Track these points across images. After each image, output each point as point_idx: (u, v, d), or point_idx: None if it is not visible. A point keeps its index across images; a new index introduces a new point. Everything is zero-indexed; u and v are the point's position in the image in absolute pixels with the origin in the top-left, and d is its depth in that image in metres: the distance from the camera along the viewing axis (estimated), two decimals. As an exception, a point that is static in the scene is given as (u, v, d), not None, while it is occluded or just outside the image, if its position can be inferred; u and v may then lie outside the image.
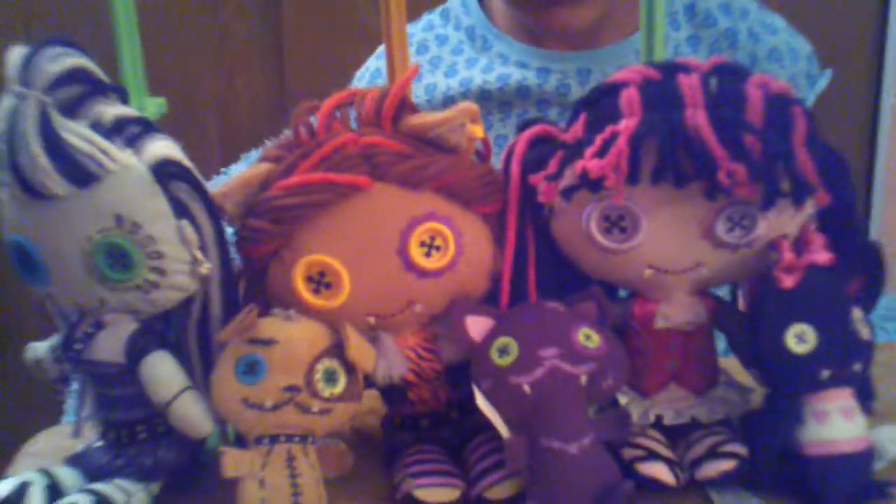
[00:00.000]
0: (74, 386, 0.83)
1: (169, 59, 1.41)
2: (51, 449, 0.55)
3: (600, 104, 0.45)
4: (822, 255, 0.46)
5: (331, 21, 1.45)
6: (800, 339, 0.45)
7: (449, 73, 0.87)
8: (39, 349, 0.52)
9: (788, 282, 0.45)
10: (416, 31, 0.92)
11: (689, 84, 0.43)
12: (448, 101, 0.85)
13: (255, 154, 1.21)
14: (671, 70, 0.44)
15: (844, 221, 0.47)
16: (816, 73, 0.88)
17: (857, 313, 0.46)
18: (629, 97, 0.44)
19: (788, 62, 0.85)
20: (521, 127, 0.48)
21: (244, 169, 1.10)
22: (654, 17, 0.47)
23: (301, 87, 1.44)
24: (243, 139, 1.34)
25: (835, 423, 0.46)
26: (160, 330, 0.49)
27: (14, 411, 1.56)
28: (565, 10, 0.80)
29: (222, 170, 1.18)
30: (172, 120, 0.53)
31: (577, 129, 0.45)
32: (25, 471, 0.49)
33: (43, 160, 0.42)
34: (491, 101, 0.84)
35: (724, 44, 0.86)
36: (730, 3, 0.87)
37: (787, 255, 0.45)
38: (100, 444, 0.51)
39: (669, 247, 0.47)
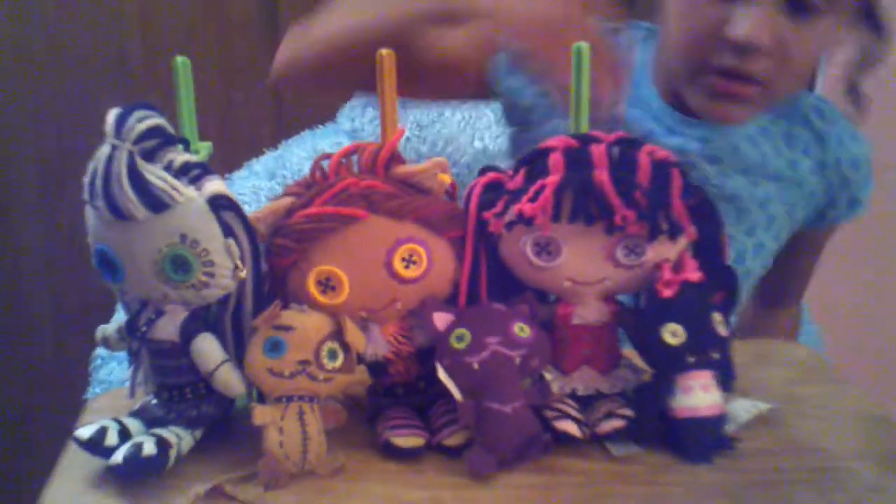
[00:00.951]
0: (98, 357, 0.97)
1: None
2: (110, 407, 0.68)
3: (535, 163, 0.61)
4: (693, 275, 0.62)
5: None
6: (673, 334, 0.60)
7: None
8: (108, 329, 0.66)
9: (667, 293, 0.61)
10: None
11: (597, 151, 0.59)
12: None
13: (255, 163, 1.35)
14: (585, 140, 0.60)
15: (711, 251, 0.64)
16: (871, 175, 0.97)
17: (717, 317, 0.62)
18: (555, 159, 0.60)
19: (865, 170, 0.94)
20: (479, 174, 0.65)
21: (246, 175, 1.24)
22: (581, 98, 0.63)
23: (294, 102, 1.52)
24: (241, 147, 1.41)
25: (697, 395, 0.61)
26: (205, 317, 0.63)
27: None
28: (738, 112, 0.85)
29: (226, 175, 1.31)
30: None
31: (518, 179, 0.61)
32: (94, 423, 0.63)
33: (130, 193, 0.56)
34: None
35: (815, 144, 0.94)
36: (823, 109, 0.93)
37: (667, 274, 0.61)
38: (154, 401, 0.64)
39: (583, 266, 0.62)
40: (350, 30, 0.84)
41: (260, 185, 1.28)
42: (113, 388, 1.04)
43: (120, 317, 1.02)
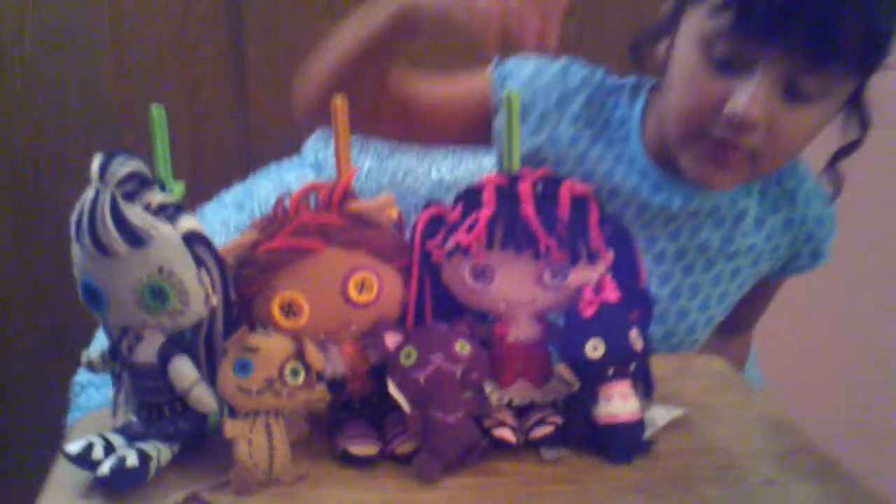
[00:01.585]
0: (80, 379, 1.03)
1: (147, 108, 1.60)
2: (95, 426, 0.72)
3: (470, 198, 0.69)
4: (611, 295, 0.70)
5: (289, 78, 1.60)
6: (594, 348, 0.68)
7: (588, 146, 0.96)
8: (92, 354, 0.73)
9: (589, 311, 0.69)
10: (592, 76, 0.99)
11: (524, 188, 0.67)
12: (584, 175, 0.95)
13: (224, 195, 1.41)
14: (514, 178, 0.68)
15: (628, 274, 0.72)
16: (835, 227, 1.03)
17: (633, 333, 0.69)
18: (487, 195, 0.68)
19: (827, 227, 1.01)
20: (423, 208, 0.73)
21: (216, 207, 1.31)
22: (512, 140, 0.71)
23: (262, 136, 1.58)
24: (210, 179, 1.46)
25: (617, 403, 0.69)
26: (180, 341, 0.69)
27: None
28: (725, 180, 0.89)
29: (197, 207, 1.37)
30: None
31: (456, 213, 0.69)
32: (81, 439, 0.69)
33: (113, 231, 0.63)
34: (617, 198, 0.95)
35: (784, 201, 1.00)
36: (793, 167, 0.99)
37: (588, 295, 0.69)
38: (135, 419, 0.70)
39: (515, 289, 0.70)
40: (348, 41, 0.92)
41: (229, 216, 1.35)
42: (91, 412, 1.10)
43: (99, 342, 1.09)
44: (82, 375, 1.20)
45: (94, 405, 1.12)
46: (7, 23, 1.51)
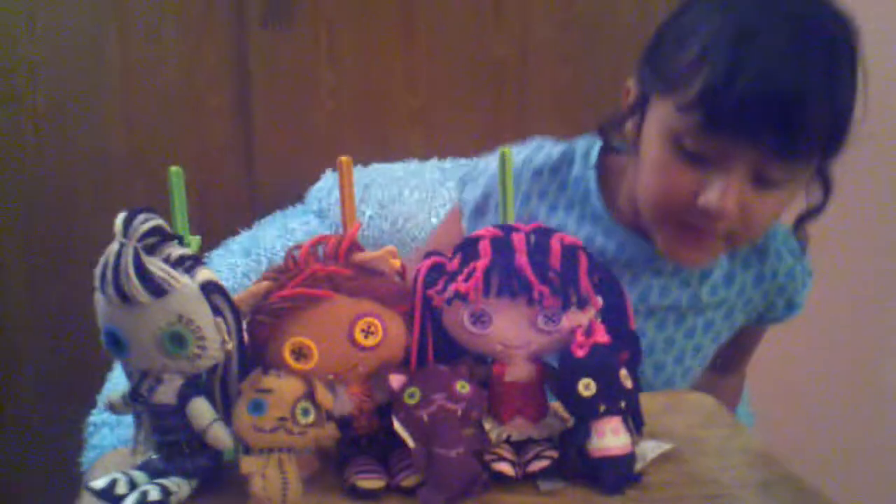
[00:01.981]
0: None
1: (157, 158, 1.63)
2: (116, 463, 0.78)
3: (468, 249, 0.74)
4: (602, 338, 0.74)
5: (295, 127, 1.65)
6: (587, 387, 0.72)
7: (552, 209, 1.02)
8: (113, 396, 0.77)
9: (580, 353, 0.73)
10: (536, 154, 1.04)
11: (517, 239, 0.72)
12: None
13: (231, 242, 1.47)
14: (508, 230, 0.73)
15: (617, 317, 0.77)
16: (810, 281, 1.08)
17: (623, 372, 0.74)
18: (484, 245, 0.73)
19: (799, 279, 1.05)
20: (424, 258, 0.78)
21: (224, 253, 1.37)
22: (507, 195, 0.77)
23: (267, 184, 1.64)
24: (217, 226, 1.54)
25: (608, 437, 0.73)
26: (197, 383, 0.73)
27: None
28: (699, 260, 0.95)
29: (205, 254, 1.42)
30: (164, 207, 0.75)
31: (455, 263, 0.74)
32: (105, 476, 0.73)
33: (135, 282, 0.68)
34: None
35: (754, 257, 1.05)
36: None
37: (580, 338, 0.74)
38: (156, 456, 0.74)
39: (511, 333, 0.74)
40: None
41: (236, 262, 1.40)
42: (105, 451, 1.14)
43: (112, 385, 1.14)
44: (96, 416, 1.24)
45: (107, 445, 1.17)
46: (21, 75, 1.58)
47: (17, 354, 1.69)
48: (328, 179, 1.52)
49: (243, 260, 1.39)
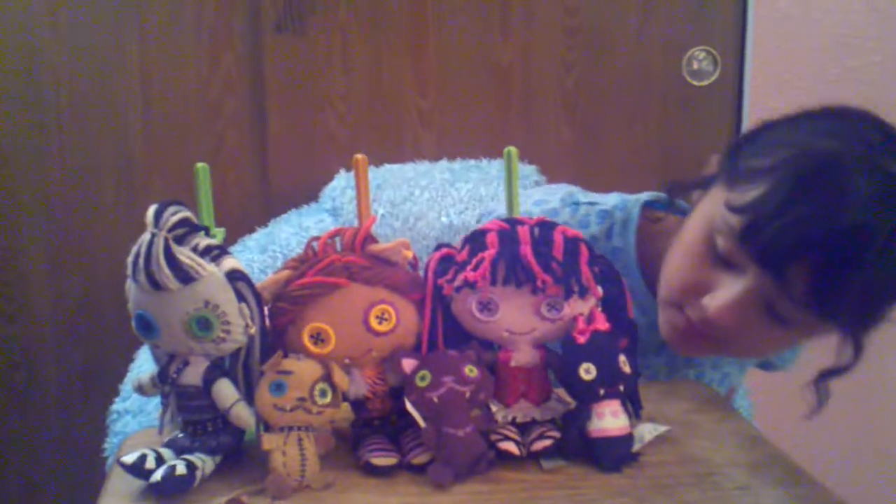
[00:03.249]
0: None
1: (175, 159, 1.69)
2: (143, 443, 0.81)
3: (476, 241, 0.79)
4: (601, 325, 0.79)
5: (309, 129, 1.71)
6: (587, 371, 0.77)
7: None
8: (143, 378, 0.83)
9: (581, 339, 0.77)
10: (574, 219, 1.03)
11: (523, 231, 0.77)
12: None
13: (248, 239, 1.51)
14: (514, 223, 0.78)
15: (617, 306, 0.82)
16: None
17: (622, 358, 0.78)
18: (491, 237, 0.78)
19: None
20: (435, 249, 0.82)
21: (241, 249, 1.41)
22: (513, 189, 0.81)
23: (282, 184, 1.69)
24: (233, 224, 1.54)
25: (607, 419, 0.77)
26: (221, 365, 0.78)
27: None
28: (692, 352, 0.95)
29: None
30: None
31: (464, 254, 0.79)
32: (135, 451, 0.78)
33: (165, 269, 0.72)
34: None
35: None
36: None
37: (581, 325, 0.78)
38: (181, 435, 0.78)
39: (516, 320, 0.78)
40: None
41: (253, 258, 1.45)
42: (127, 437, 1.19)
43: (136, 372, 1.19)
44: (119, 404, 1.29)
45: (130, 431, 1.21)
46: (45, 78, 1.63)
47: (40, 347, 1.74)
48: (341, 179, 1.56)
49: (259, 256, 1.44)
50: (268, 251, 1.45)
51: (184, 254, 0.73)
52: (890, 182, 0.76)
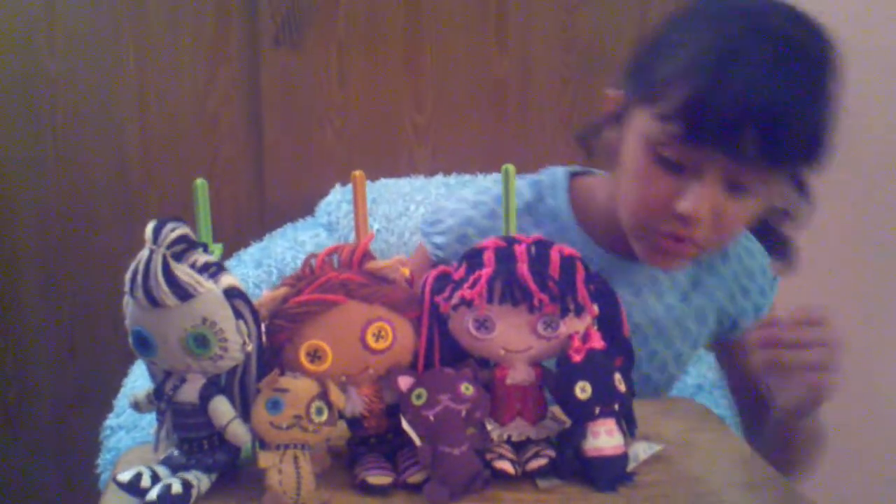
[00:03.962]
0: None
1: (171, 172, 1.68)
2: (138, 459, 0.81)
3: (473, 259, 0.79)
4: (597, 343, 0.79)
5: (305, 143, 1.70)
6: (583, 390, 0.77)
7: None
8: (139, 395, 0.82)
9: (577, 358, 0.78)
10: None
11: (519, 250, 0.77)
12: None
13: (243, 253, 1.51)
14: (510, 242, 0.78)
15: (612, 325, 0.82)
16: (773, 280, 1.12)
17: (617, 376, 0.79)
18: (488, 256, 0.78)
19: (759, 279, 1.10)
20: (431, 267, 0.83)
21: (236, 264, 1.41)
22: (509, 209, 0.82)
23: (277, 198, 1.69)
24: (229, 238, 1.57)
25: (602, 438, 0.77)
26: (218, 383, 0.78)
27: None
28: (676, 264, 0.99)
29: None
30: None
31: (461, 272, 0.79)
32: (130, 469, 0.78)
33: (163, 286, 0.72)
34: None
35: (719, 262, 1.10)
36: None
37: (577, 343, 0.78)
38: (177, 452, 0.78)
39: (512, 338, 0.78)
40: None
41: (248, 273, 1.45)
42: (121, 454, 1.19)
43: (131, 388, 1.18)
44: (112, 420, 1.28)
45: (123, 447, 1.21)
46: (41, 90, 1.63)
47: (34, 362, 1.73)
48: (337, 193, 1.57)
49: (255, 271, 1.44)
50: (263, 265, 1.45)
51: (182, 270, 0.73)
52: (800, 27, 0.88)
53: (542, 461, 0.78)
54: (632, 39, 1.76)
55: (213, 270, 0.76)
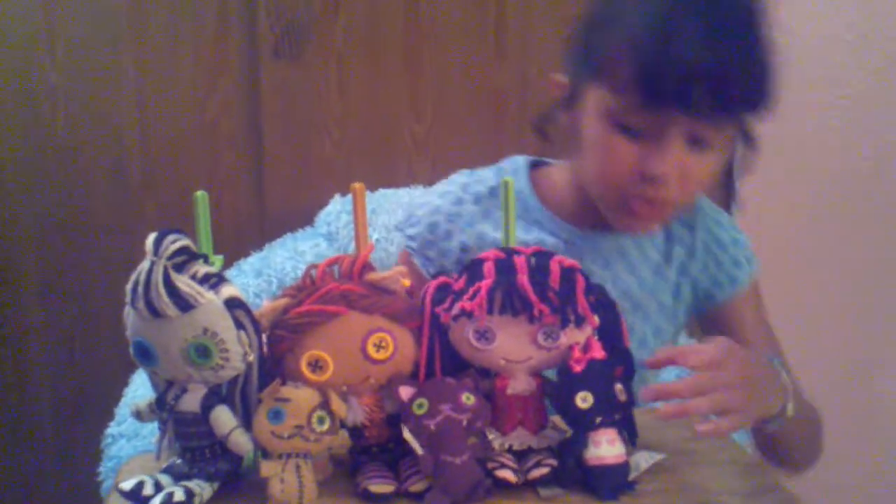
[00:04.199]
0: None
1: (171, 182, 1.68)
2: (140, 468, 0.82)
3: (473, 270, 0.79)
4: (598, 354, 0.79)
5: (305, 153, 1.70)
6: (584, 400, 0.77)
7: (496, 226, 1.06)
8: (140, 404, 0.82)
9: (578, 368, 0.78)
10: (472, 182, 1.12)
11: (519, 261, 0.78)
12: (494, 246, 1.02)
13: (243, 262, 1.52)
14: (510, 253, 0.79)
15: (612, 335, 0.82)
16: (751, 257, 1.12)
17: (618, 386, 0.79)
18: (488, 267, 0.78)
19: (732, 249, 1.11)
20: (432, 278, 0.83)
21: (235, 274, 1.41)
22: (509, 220, 0.82)
23: (277, 208, 1.69)
24: (229, 248, 1.60)
25: (604, 447, 0.78)
26: (219, 392, 0.78)
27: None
28: (649, 226, 1.02)
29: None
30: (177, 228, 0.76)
31: (461, 283, 0.79)
32: (132, 478, 0.78)
33: (164, 297, 0.72)
34: None
35: (687, 234, 1.11)
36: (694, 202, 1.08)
37: (577, 354, 0.79)
38: (179, 461, 0.79)
39: (513, 348, 0.79)
40: None
41: (248, 282, 1.45)
42: (122, 462, 1.19)
43: (131, 397, 1.19)
44: (114, 428, 1.28)
45: (125, 455, 1.21)
46: (42, 101, 1.63)
47: (34, 370, 1.73)
48: (336, 203, 1.57)
49: (255, 280, 1.44)
50: (263, 275, 1.45)
51: (183, 281, 0.74)
52: None
53: (543, 470, 0.79)
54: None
55: (214, 281, 0.77)
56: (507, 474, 0.78)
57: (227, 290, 0.77)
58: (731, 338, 1.08)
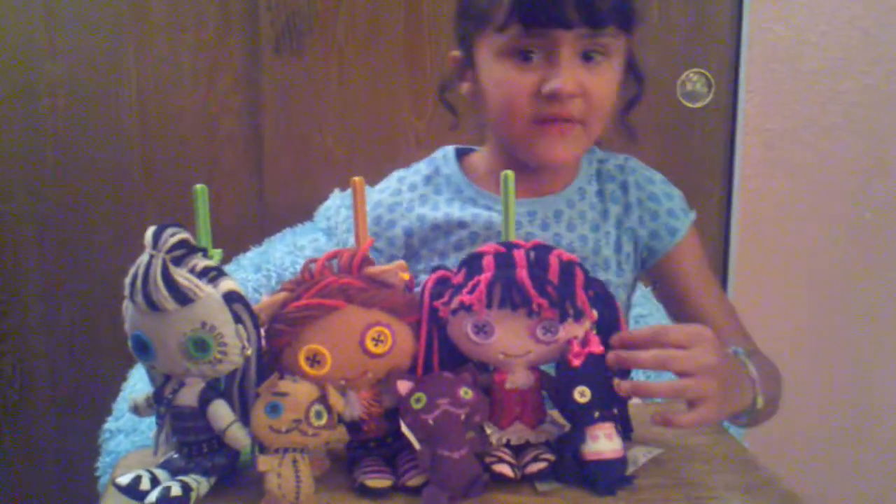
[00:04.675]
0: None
1: (171, 176, 1.69)
2: (137, 463, 0.82)
3: (472, 264, 0.79)
4: (596, 348, 0.79)
5: (304, 148, 1.71)
6: (582, 394, 0.77)
7: (433, 208, 1.12)
8: (138, 398, 0.82)
9: (576, 362, 0.78)
10: (408, 175, 1.18)
11: (518, 255, 0.78)
12: (435, 228, 1.11)
13: (242, 257, 1.51)
14: (510, 247, 0.79)
15: (611, 329, 0.82)
16: (687, 209, 1.16)
17: (616, 381, 0.80)
18: (487, 261, 0.78)
19: (665, 202, 1.14)
20: (431, 272, 0.83)
21: (235, 269, 1.41)
22: (509, 215, 0.82)
23: (277, 203, 1.69)
24: (228, 243, 1.60)
25: (601, 442, 0.78)
26: (217, 386, 0.78)
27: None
28: (565, 151, 1.06)
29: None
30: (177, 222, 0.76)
31: (460, 277, 0.79)
32: (129, 472, 0.79)
33: (163, 290, 0.72)
34: (465, 230, 1.09)
35: (620, 192, 1.14)
36: (624, 165, 1.16)
37: (576, 348, 0.79)
38: (176, 455, 0.79)
39: (511, 343, 0.79)
40: None
41: (247, 277, 1.45)
42: (120, 457, 1.19)
43: (130, 392, 1.19)
44: (111, 423, 1.28)
45: (123, 451, 1.21)
46: (42, 96, 1.64)
47: (33, 366, 1.73)
48: (335, 198, 1.57)
49: (254, 275, 1.44)
50: (262, 270, 1.45)
51: (181, 275, 0.74)
52: None
53: (541, 464, 0.79)
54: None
55: (213, 275, 0.77)
56: (504, 469, 0.78)
57: (226, 284, 0.77)
58: (677, 286, 1.17)
